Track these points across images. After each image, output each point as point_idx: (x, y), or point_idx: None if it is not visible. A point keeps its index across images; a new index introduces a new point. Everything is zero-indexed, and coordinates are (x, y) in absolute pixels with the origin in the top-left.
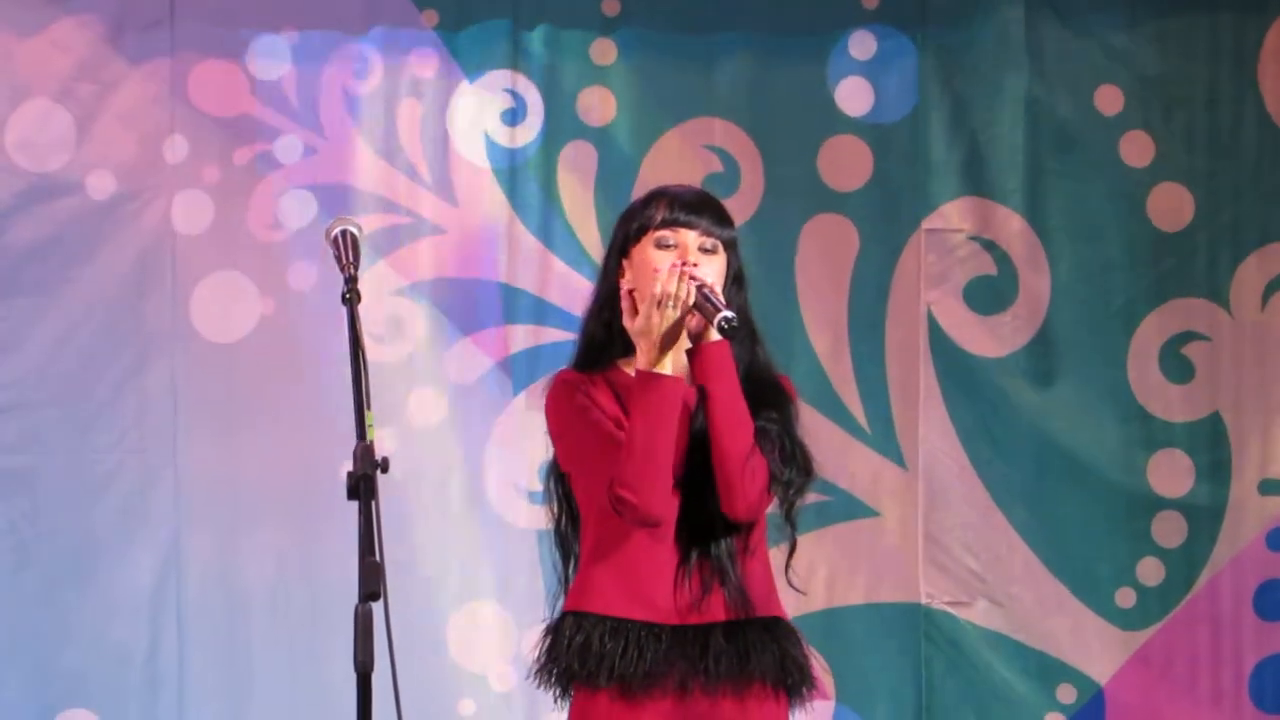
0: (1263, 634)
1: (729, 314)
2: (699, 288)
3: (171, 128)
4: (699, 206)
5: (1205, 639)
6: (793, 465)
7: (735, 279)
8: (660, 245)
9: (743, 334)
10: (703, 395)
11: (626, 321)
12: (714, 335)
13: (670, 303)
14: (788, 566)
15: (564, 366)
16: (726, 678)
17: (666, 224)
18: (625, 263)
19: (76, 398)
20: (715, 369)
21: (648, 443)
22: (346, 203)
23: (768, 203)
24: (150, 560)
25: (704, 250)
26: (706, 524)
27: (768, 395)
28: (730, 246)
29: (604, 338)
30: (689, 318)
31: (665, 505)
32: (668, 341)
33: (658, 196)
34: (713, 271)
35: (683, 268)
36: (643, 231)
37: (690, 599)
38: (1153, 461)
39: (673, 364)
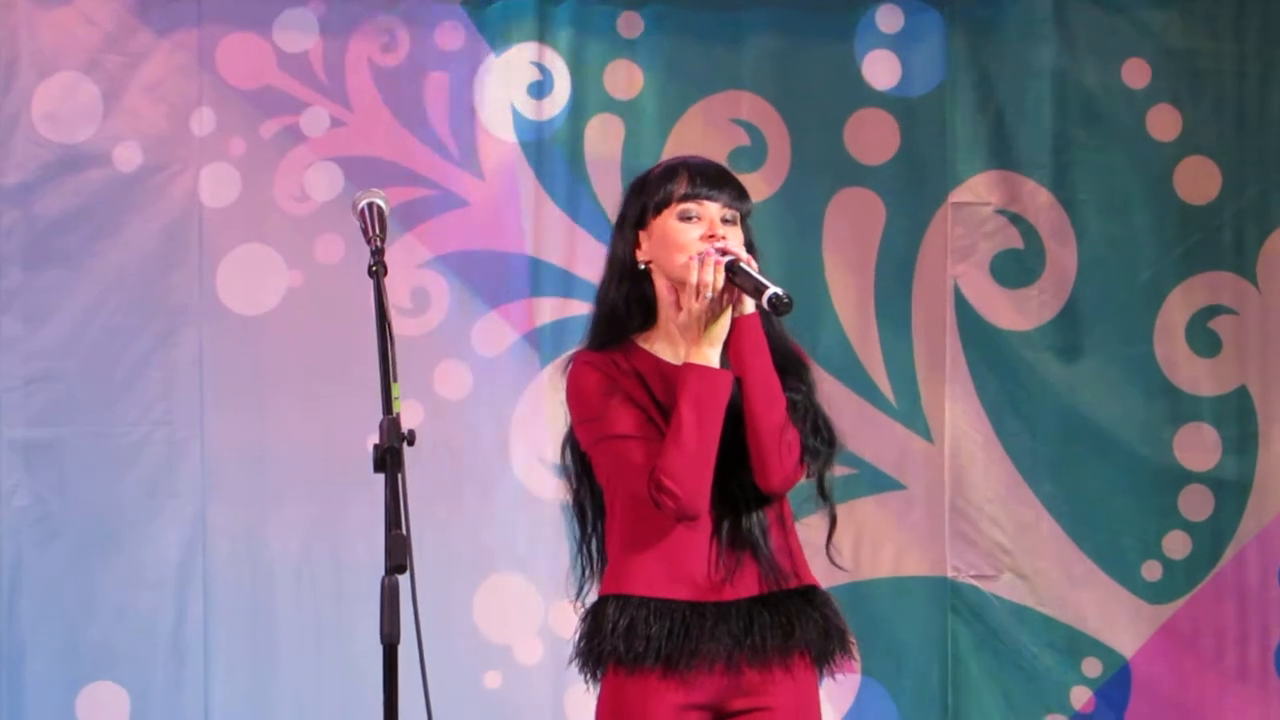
0: None
1: (779, 290)
2: (733, 263)
3: (199, 100)
4: (720, 180)
5: (1231, 613)
6: (819, 435)
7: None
8: (684, 218)
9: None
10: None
11: (671, 316)
12: (747, 308)
13: (708, 291)
14: (829, 543)
15: (580, 346)
16: (773, 649)
17: (690, 197)
18: (642, 234)
19: (103, 370)
20: (750, 344)
21: (696, 436)
22: (373, 175)
23: (794, 176)
24: (176, 533)
25: (726, 221)
26: (737, 498)
27: (790, 365)
28: (746, 218)
29: (624, 310)
30: (725, 295)
31: (707, 499)
32: (710, 330)
33: (677, 169)
34: (738, 243)
35: (712, 254)
36: (664, 204)
37: (724, 574)
38: (1179, 435)
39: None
